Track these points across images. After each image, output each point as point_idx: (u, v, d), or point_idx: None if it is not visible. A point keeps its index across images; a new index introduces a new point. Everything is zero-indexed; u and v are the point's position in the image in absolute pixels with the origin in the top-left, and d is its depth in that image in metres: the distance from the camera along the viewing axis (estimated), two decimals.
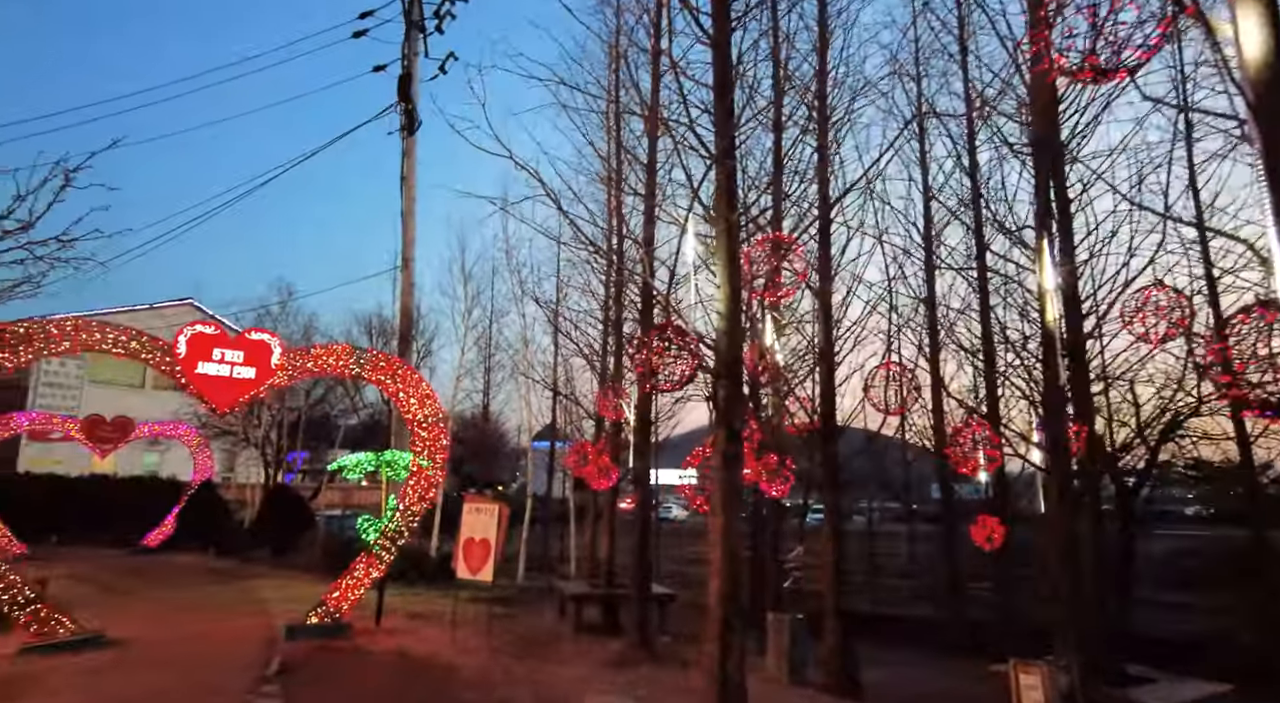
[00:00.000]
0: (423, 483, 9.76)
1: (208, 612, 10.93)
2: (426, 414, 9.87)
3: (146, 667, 7.44)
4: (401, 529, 9.60)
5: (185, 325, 8.70)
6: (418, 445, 9.81)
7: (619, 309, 11.39)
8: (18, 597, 7.68)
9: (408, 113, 13.05)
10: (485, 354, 21.85)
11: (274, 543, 18.09)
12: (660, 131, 8.47)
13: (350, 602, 9.22)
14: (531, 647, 9.60)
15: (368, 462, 13.79)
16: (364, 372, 9.74)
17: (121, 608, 11.27)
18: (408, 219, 15.83)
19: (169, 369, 8.60)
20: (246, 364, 8.97)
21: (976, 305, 10.94)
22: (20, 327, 7.87)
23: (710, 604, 4.98)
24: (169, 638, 8.84)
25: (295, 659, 7.80)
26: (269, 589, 13.24)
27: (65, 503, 21.79)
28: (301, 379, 9.88)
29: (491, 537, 9.19)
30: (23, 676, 6.97)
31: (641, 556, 9.91)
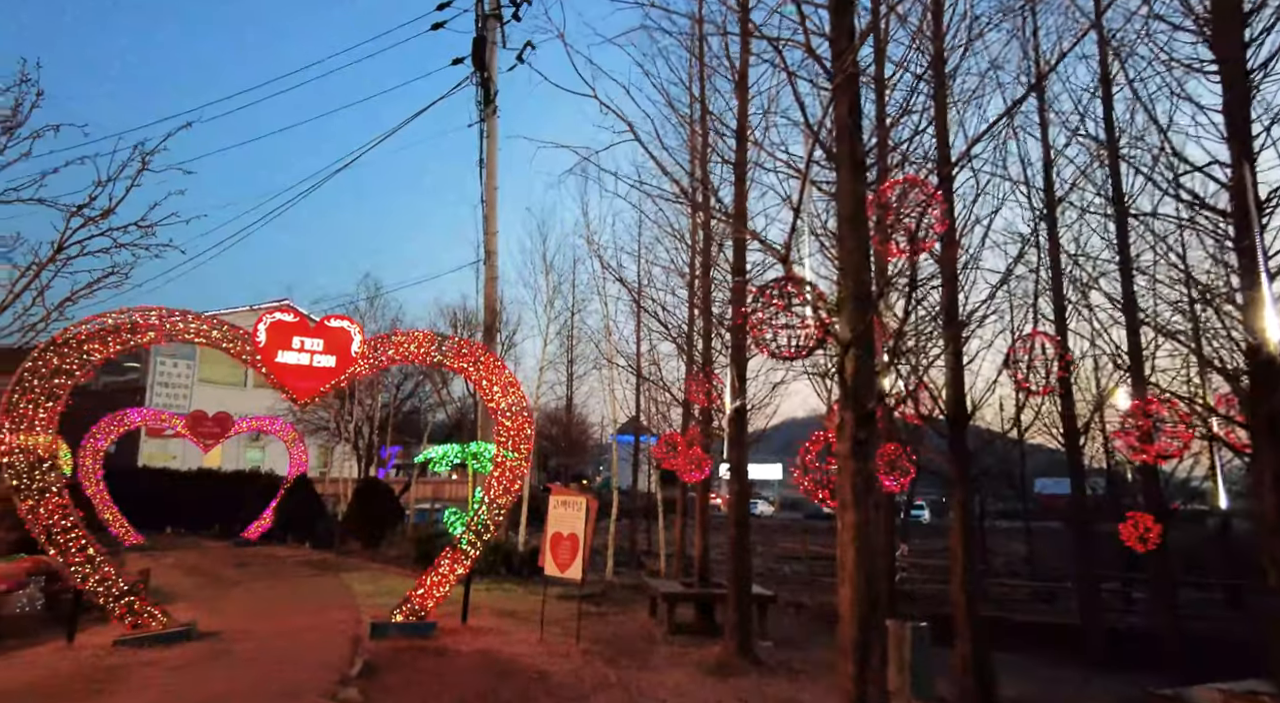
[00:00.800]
0: (507, 475, 9.29)
1: (299, 605, 10.84)
2: (510, 403, 9.38)
3: (231, 663, 7.21)
4: (487, 523, 9.15)
5: (265, 312, 8.49)
6: (501, 436, 9.34)
7: (706, 283, 10.58)
8: (113, 589, 7.61)
9: (484, 84, 12.58)
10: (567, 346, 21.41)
11: (365, 536, 18.24)
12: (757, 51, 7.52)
13: (435, 599, 8.84)
14: (623, 650, 8.99)
15: (454, 454, 13.57)
16: (446, 359, 9.33)
17: (221, 598, 11.37)
18: (489, 211, 15.51)
19: (250, 358, 8.41)
20: (326, 352, 8.70)
21: (1115, 266, 9.57)
22: (109, 318, 7.81)
23: (842, 615, 4.17)
24: (258, 632, 8.68)
25: (379, 659, 7.43)
26: (360, 582, 13.17)
27: (176, 496, 22.84)
28: (383, 368, 9.57)
29: (580, 532, 8.61)
30: (113, 668, 6.85)
31: (740, 553, 9.12)
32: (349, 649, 7.79)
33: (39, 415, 7.41)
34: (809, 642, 11.15)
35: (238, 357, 8.41)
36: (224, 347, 8.34)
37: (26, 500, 7.31)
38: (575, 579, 8.67)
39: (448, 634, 8.71)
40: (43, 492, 7.37)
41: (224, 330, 8.36)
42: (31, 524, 7.37)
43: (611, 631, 10.23)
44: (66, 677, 6.58)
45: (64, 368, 7.56)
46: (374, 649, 7.79)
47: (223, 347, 8.34)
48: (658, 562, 15.85)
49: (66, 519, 7.44)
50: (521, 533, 16.55)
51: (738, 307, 9.13)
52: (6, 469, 7.32)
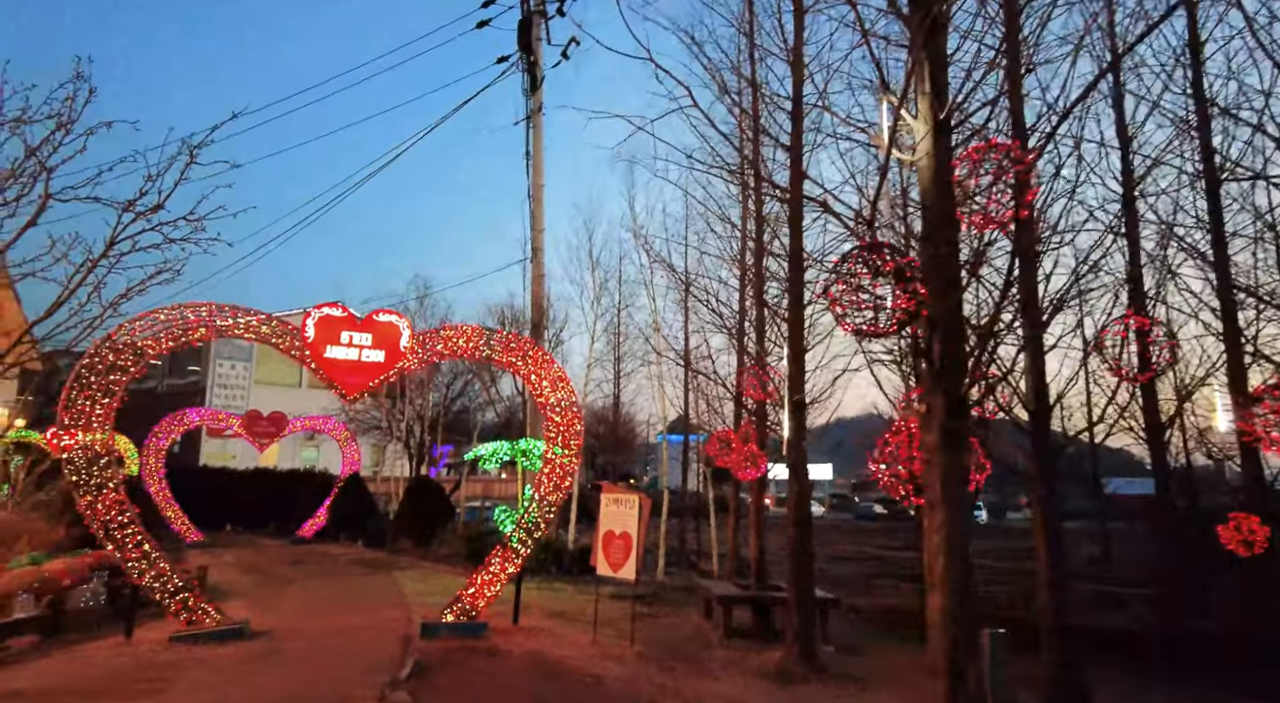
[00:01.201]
0: (558, 472, 9.05)
1: (351, 603, 10.80)
2: (559, 398, 9.14)
3: (280, 663, 7.12)
4: (538, 521, 8.92)
5: (313, 307, 8.41)
6: (551, 432, 9.10)
7: (759, 271, 10.16)
8: (168, 585, 7.61)
9: (530, 69, 12.35)
10: (614, 343, 21.12)
11: (416, 534, 18.28)
12: None
13: (486, 599, 8.64)
14: (678, 654, 8.65)
15: (503, 451, 13.43)
16: (494, 354, 9.14)
17: (276, 596, 11.41)
18: (536, 208, 15.35)
19: (299, 354, 8.34)
20: (375, 347, 8.58)
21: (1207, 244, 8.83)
22: (160, 314, 7.81)
23: (931, 626, 3.75)
24: (310, 630, 8.61)
25: (429, 660, 7.25)
26: (411, 581, 13.11)
27: (235, 495, 23.35)
28: (431, 363, 9.41)
29: (633, 531, 8.31)
30: (167, 665, 6.81)
31: (800, 555, 8.69)
32: (399, 650, 7.64)
33: (95, 412, 7.44)
34: (871, 647, 10.64)
35: (287, 352, 8.34)
36: (273, 342, 8.29)
37: (85, 496, 7.35)
38: (629, 580, 8.37)
39: (499, 635, 8.50)
40: (100, 488, 7.39)
41: (273, 326, 8.30)
42: (90, 520, 7.41)
43: (665, 633, 9.91)
44: (121, 674, 6.56)
45: (119, 364, 7.58)
46: (424, 650, 7.62)
47: (272, 342, 8.29)
48: (710, 562, 15.46)
49: (123, 515, 7.46)
50: (571, 531, 16.36)
51: (795, 293, 8.71)
52: (66, 465, 7.37)
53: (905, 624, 12.24)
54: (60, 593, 8.42)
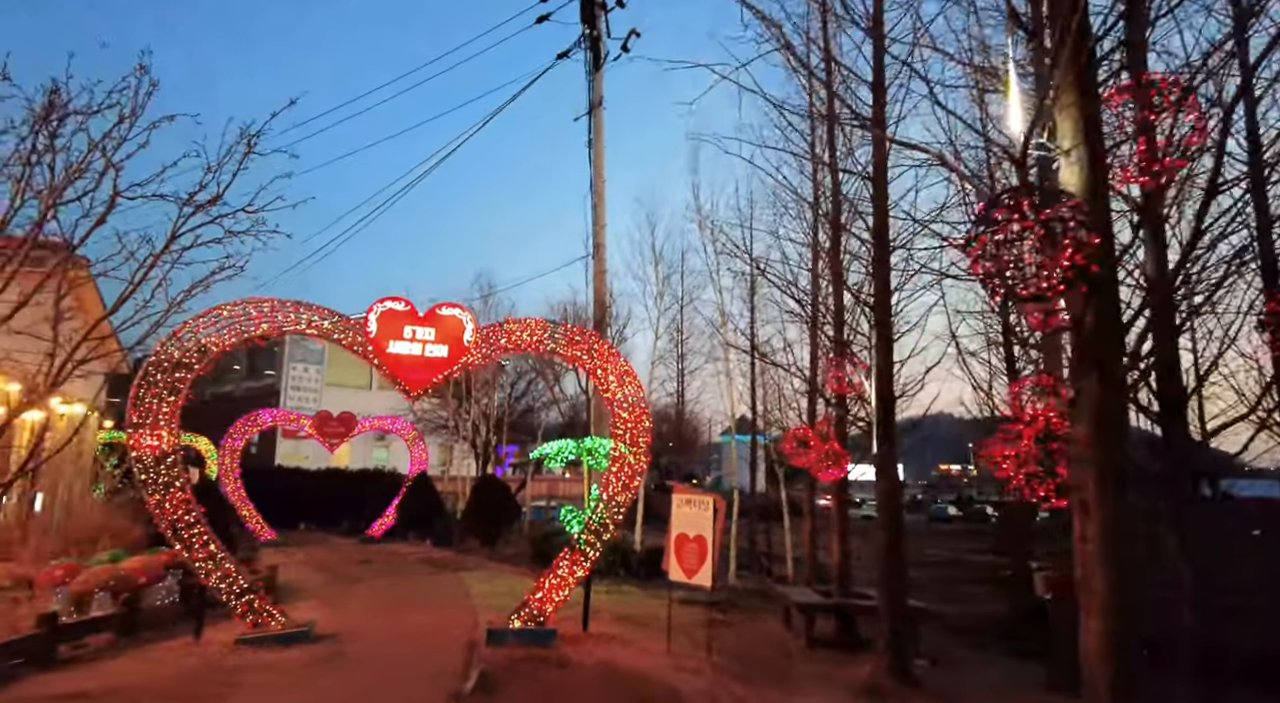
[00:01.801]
0: (626, 471, 8.60)
1: (417, 604, 10.61)
2: (626, 393, 8.69)
3: (344, 668, 6.88)
4: (606, 522, 8.49)
5: (375, 302, 8.19)
6: (619, 428, 8.66)
7: (837, 254, 9.47)
8: (234, 586, 7.48)
9: (593, 45, 11.94)
10: (677, 341, 20.57)
11: (483, 534, 18.18)
12: None
13: (554, 604, 8.26)
14: (759, 665, 8.09)
15: (568, 449, 13.09)
16: (559, 347, 8.76)
17: (344, 595, 11.33)
18: (598, 203, 14.97)
19: (361, 350, 8.12)
20: (438, 342, 8.30)
21: None
22: (223, 310, 7.70)
23: (1088, 655, 3.11)
24: (375, 634, 8.39)
25: (495, 669, 6.88)
26: (477, 581, 12.90)
27: (308, 494, 23.81)
28: (495, 358, 9.09)
29: (707, 533, 7.78)
30: (232, 668, 6.66)
31: (893, 561, 8.01)
32: (465, 657, 7.31)
33: (162, 410, 7.36)
34: (965, 660, 9.84)
35: (349, 348, 8.14)
36: (335, 338, 8.10)
37: (153, 495, 7.28)
38: (704, 585, 7.85)
39: (568, 643, 8.09)
40: (168, 486, 7.31)
41: (335, 321, 8.11)
42: (158, 519, 7.34)
43: (741, 642, 9.34)
44: (187, 677, 6.41)
45: (184, 361, 7.49)
46: (490, 658, 7.26)
47: (334, 338, 8.10)
48: (784, 567, 14.78)
49: (190, 514, 7.36)
50: (638, 532, 15.93)
51: (881, 276, 8.03)
52: (135, 464, 7.32)
53: (998, 635, 11.35)
54: (136, 591, 8.43)
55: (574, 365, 9.40)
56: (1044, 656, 8.58)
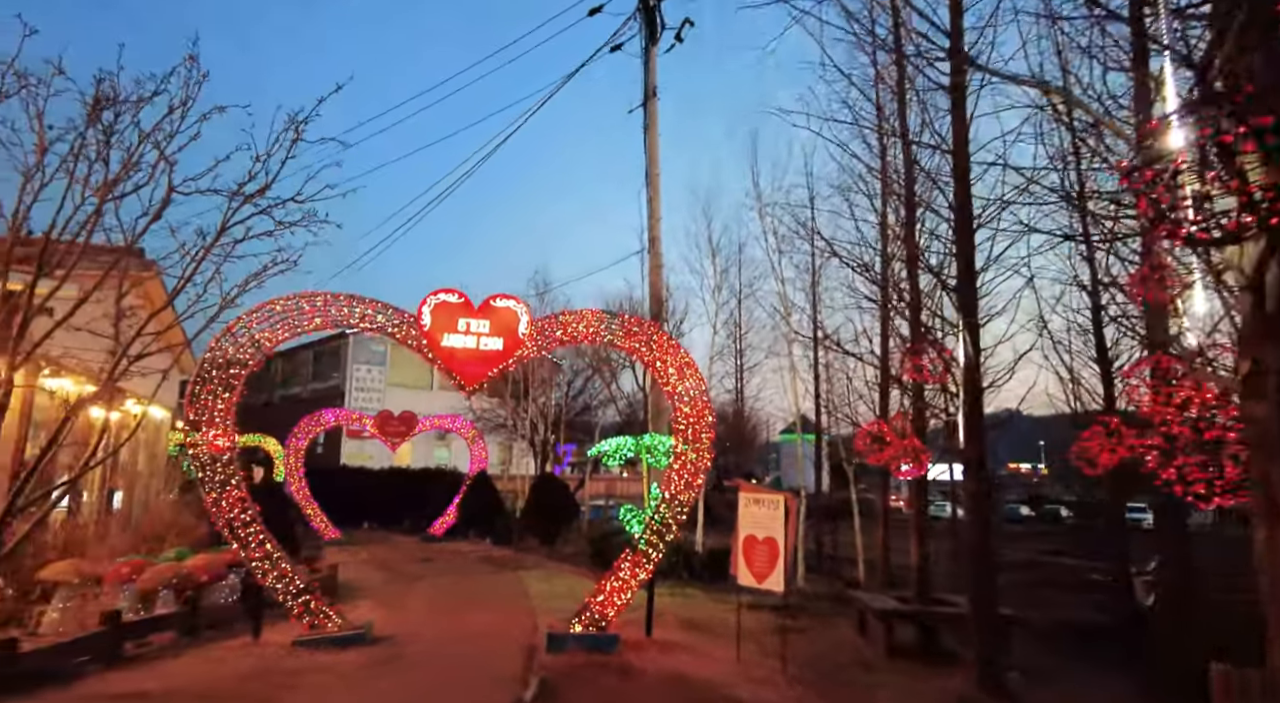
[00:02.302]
0: (689, 468, 8.15)
1: (477, 604, 10.38)
2: (688, 386, 8.24)
3: (401, 672, 6.62)
4: (669, 522, 8.05)
5: (429, 294, 7.94)
6: (680, 423, 8.21)
7: (911, 231, 8.80)
8: (290, 587, 7.33)
9: (649, 12, 11.40)
10: (735, 336, 19.93)
11: (542, 532, 17.98)
12: None
13: (616, 608, 7.86)
14: (837, 677, 7.52)
15: (627, 447, 12.70)
16: (616, 339, 8.37)
17: (404, 594, 11.20)
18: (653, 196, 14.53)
19: (415, 343, 7.89)
20: (493, 334, 8.01)
21: None
22: (276, 305, 7.56)
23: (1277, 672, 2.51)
24: (433, 635, 8.16)
25: (555, 676, 6.53)
26: (536, 581, 12.64)
27: (371, 493, 24.09)
28: (551, 350, 8.77)
29: (778, 535, 7.26)
30: (289, 670, 6.48)
31: (982, 563, 7.34)
32: (524, 662, 6.98)
33: (218, 407, 7.26)
34: (1059, 672, 9.04)
35: (404, 342, 7.92)
36: (389, 332, 7.89)
37: (210, 493, 7.18)
38: (776, 591, 7.33)
39: (631, 649, 7.69)
40: (224, 484, 7.20)
41: (389, 314, 7.90)
42: (215, 517, 7.25)
43: (815, 650, 8.77)
44: (244, 678, 6.25)
45: (238, 357, 7.38)
46: (550, 665, 6.92)
47: (389, 332, 7.89)
48: (854, 569, 14.06)
49: (246, 513, 7.24)
50: (699, 533, 15.44)
51: (965, 253, 7.36)
52: (192, 462, 7.24)
53: (1093, 645, 10.47)
54: (199, 589, 8.40)
55: (633, 358, 8.97)
56: (1146, 669, 7.78)
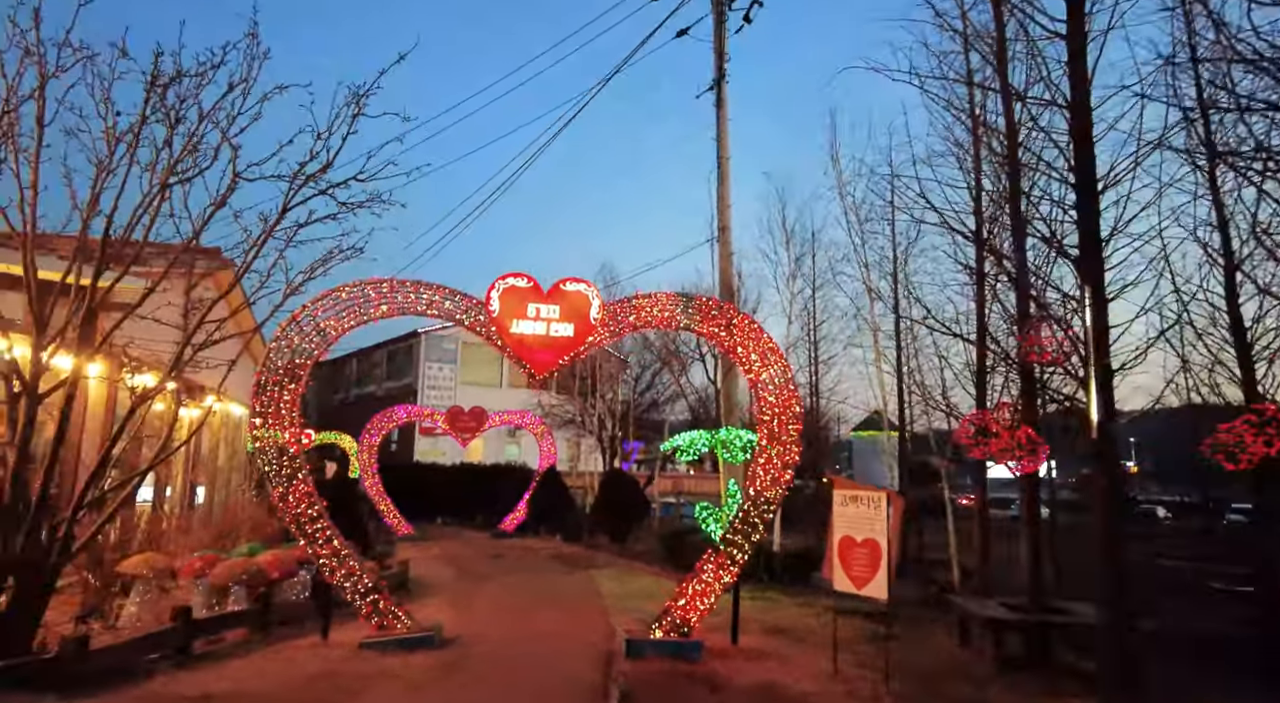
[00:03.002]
0: (774, 463, 7.50)
1: (548, 604, 9.98)
2: (772, 374, 7.60)
3: (470, 678, 6.22)
4: (754, 521, 7.43)
5: (497, 278, 7.54)
6: (765, 414, 7.58)
7: (1016, 198, 7.89)
8: (358, 585, 7.04)
9: (717, 11, 10.72)
10: (810, 327, 18.98)
11: (612, 529, 17.58)
12: None
13: (699, 613, 7.29)
14: (946, 694, 6.75)
15: (701, 441, 12.08)
16: (692, 323, 7.79)
17: (474, 593, 10.92)
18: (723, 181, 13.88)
19: (484, 330, 7.51)
20: (563, 320, 7.56)
21: None
22: (341, 292, 7.29)
23: None
24: (504, 637, 7.76)
25: (636, 686, 6.01)
26: (609, 580, 12.19)
27: (443, 489, 24.24)
28: (623, 335, 8.28)
29: (880, 537, 6.54)
30: (352, 673, 6.16)
31: (1113, 571, 6.43)
32: (601, 671, 6.49)
33: (283, 398, 7.03)
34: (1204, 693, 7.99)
35: (472, 329, 7.55)
36: (457, 318, 7.52)
37: (276, 488, 6.95)
38: (878, 599, 6.60)
39: (716, 657, 7.10)
40: (290, 479, 6.97)
41: (456, 300, 7.54)
42: (282, 513, 7.03)
43: (914, 661, 7.96)
44: (310, 680, 5.96)
45: (304, 347, 7.14)
46: (630, 673, 6.40)
47: (456, 319, 7.53)
48: (947, 572, 13.07)
49: (313, 509, 6.98)
50: (776, 533, 14.71)
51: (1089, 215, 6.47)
52: (259, 456, 7.04)
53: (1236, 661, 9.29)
54: (270, 585, 8.26)
55: (703, 350, 8.38)
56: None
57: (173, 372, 6.33)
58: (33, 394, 5.90)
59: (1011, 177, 8.18)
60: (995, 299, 9.69)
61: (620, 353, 25.12)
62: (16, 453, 5.76)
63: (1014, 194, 8.10)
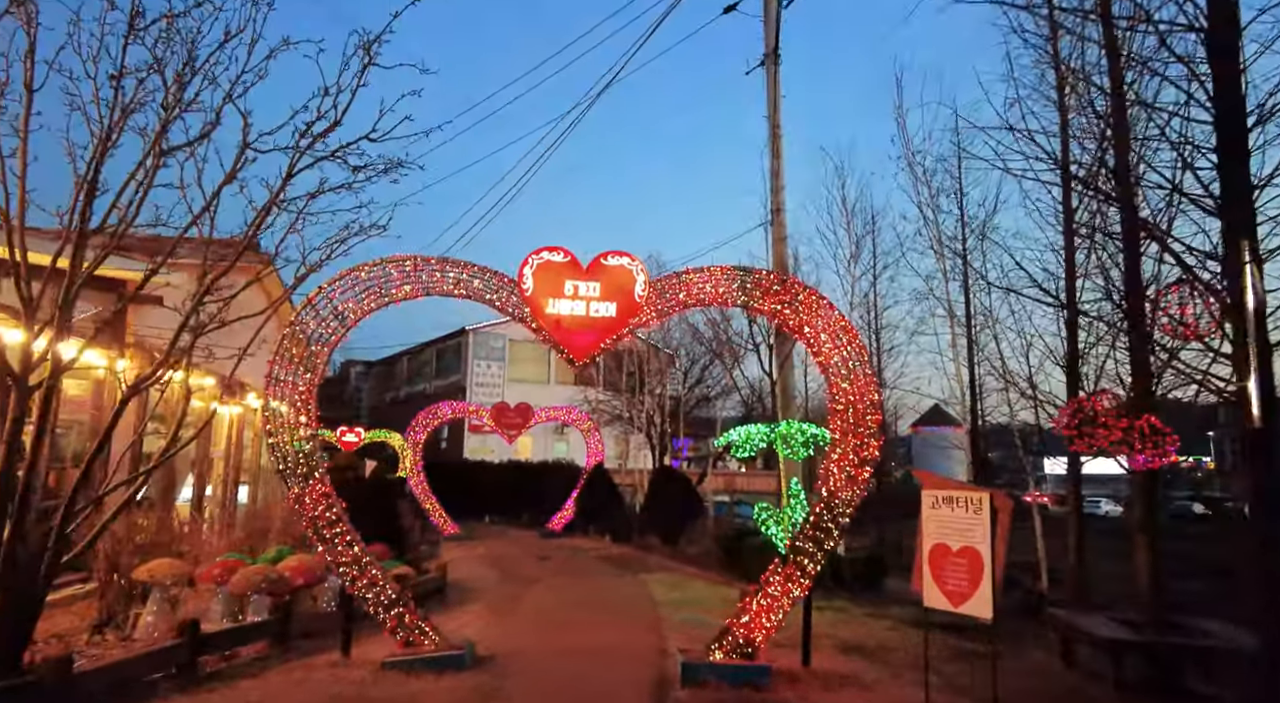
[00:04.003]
0: (849, 460, 6.50)
1: (596, 615, 9.16)
2: (846, 356, 6.60)
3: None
4: (828, 527, 6.44)
5: (530, 253, 6.72)
6: (838, 403, 6.58)
7: (1123, 139, 6.71)
8: (381, 597, 6.30)
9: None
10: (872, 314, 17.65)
11: (663, 530, 16.70)
12: None
13: (765, 631, 6.34)
14: None
15: (759, 436, 11.11)
16: (752, 300, 6.84)
17: (516, 599, 10.19)
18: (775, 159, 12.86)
19: (516, 311, 6.70)
20: (605, 298, 6.70)
21: None
22: (361, 272, 6.58)
23: None
24: (545, 656, 6.95)
25: None
26: (661, 586, 11.31)
27: (491, 487, 23.78)
28: (672, 315, 7.37)
29: (982, 546, 5.49)
30: (375, 699, 5.41)
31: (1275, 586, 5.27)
32: (655, 697, 5.61)
33: (299, 388, 6.35)
34: None
35: (503, 310, 6.75)
36: (487, 298, 6.74)
37: (292, 488, 6.27)
38: (981, 617, 5.55)
39: (786, 682, 6.15)
40: (307, 478, 6.28)
41: (486, 279, 6.75)
42: (297, 515, 6.35)
43: (1016, 685, 6.85)
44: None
45: (320, 332, 6.45)
46: (687, 702, 5.50)
47: (486, 299, 6.74)
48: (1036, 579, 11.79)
49: (331, 511, 6.28)
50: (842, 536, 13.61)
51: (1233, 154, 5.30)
52: (271, 452, 6.37)
53: None
54: (295, 593, 7.64)
55: (773, 324, 7.44)
56: None
57: (170, 359, 5.68)
58: (21, 385, 5.31)
59: (1115, 109, 6.97)
60: (1094, 251, 8.47)
61: (669, 347, 24.22)
62: (5, 448, 5.18)
63: (1119, 129, 6.89)
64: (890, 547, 12.15)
